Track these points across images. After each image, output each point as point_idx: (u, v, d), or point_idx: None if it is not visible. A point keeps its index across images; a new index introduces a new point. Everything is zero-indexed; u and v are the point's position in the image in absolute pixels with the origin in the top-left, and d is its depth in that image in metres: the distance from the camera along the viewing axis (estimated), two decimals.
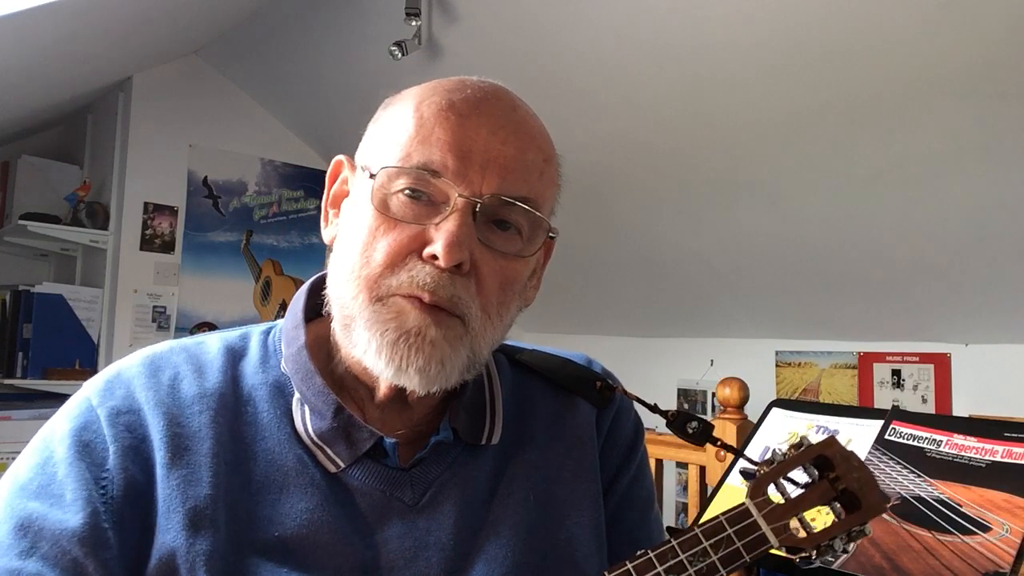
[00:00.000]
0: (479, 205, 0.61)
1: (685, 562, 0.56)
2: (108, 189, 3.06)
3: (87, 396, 0.64)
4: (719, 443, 0.72)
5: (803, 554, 0.58)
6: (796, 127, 2.04)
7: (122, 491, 0.60)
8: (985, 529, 0.77)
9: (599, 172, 2.59)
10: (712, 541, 0.57)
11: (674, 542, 0.57)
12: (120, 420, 0.62)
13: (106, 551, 0.58)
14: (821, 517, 0.76)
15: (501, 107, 0.65)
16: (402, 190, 0.62)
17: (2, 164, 3.10)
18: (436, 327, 0.61)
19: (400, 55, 2.26)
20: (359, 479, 0.65)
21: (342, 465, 0.65)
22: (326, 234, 0.70)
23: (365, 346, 0.62)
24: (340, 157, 0.70)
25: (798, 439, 0.63)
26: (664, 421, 0.74)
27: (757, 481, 0.60)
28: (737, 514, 0.59)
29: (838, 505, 0.61)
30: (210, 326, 3.12)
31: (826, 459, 0.61)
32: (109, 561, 0.58)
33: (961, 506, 0.80)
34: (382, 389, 0.67)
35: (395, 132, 0.64)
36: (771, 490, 0.60)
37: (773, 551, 0.58)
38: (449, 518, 0.66)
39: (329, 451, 0.65)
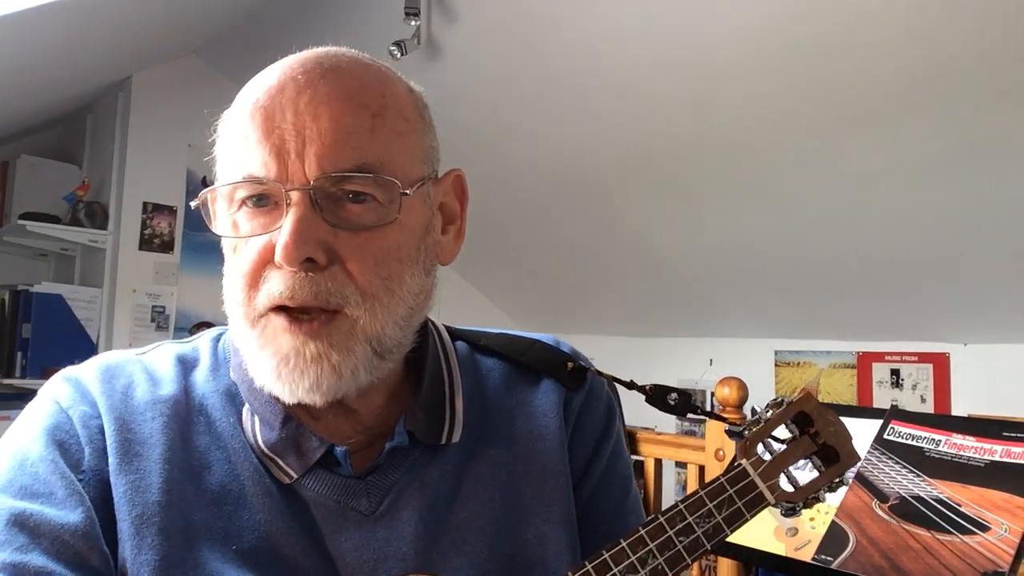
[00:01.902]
0: (312, 191, 0.57)
1: (693, 524, 0.58)
2: (107, 189, 3.05)
3: (54, 398, 0.63)
4: (700, 411, 0.73)
5: (790, 506, 0.62)
6: (796, 127, 2.04)
7: (98, 493, 0.59)
8: (984, 529, 0.77)
9: (599, 172, 2.59)
10: (716, 502, 0.60)
11: (681, 506, 0.59)
12: (92, 424, 0.61)
13: (103, 546, 0.58)
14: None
15: (308, 79, 0.59)
16: (241, 204, 0.60)
17: (1, 164, 3.10)
18: (313, 340, 0.58)
19: (399, 55, 2.26)
20: (313, 490, 0.63)
21: (294, 476, 0.63)
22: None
23: (260, 375, 0.61)
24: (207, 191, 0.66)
25: (779, 399, 0.66)
26: (663, 417, 0.73)
27: (747, 441, 0.63)
28: (736, 475, 0.61)
29: (817, 459, 0.64)
30: (209, 326, 3.11)
31: (805, 415, 0.65)
32: (107, 557, 0.58)
33: (960, 506, 0.81)
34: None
35: (225, 149, 0.62)
36: (759, 448, 0.63)
37: (774, 550, 0.59)
38: (409, 526, 0.64)
39: (280, 462, 0.63)
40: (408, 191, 0.60)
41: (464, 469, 0.68)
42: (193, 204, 0.64)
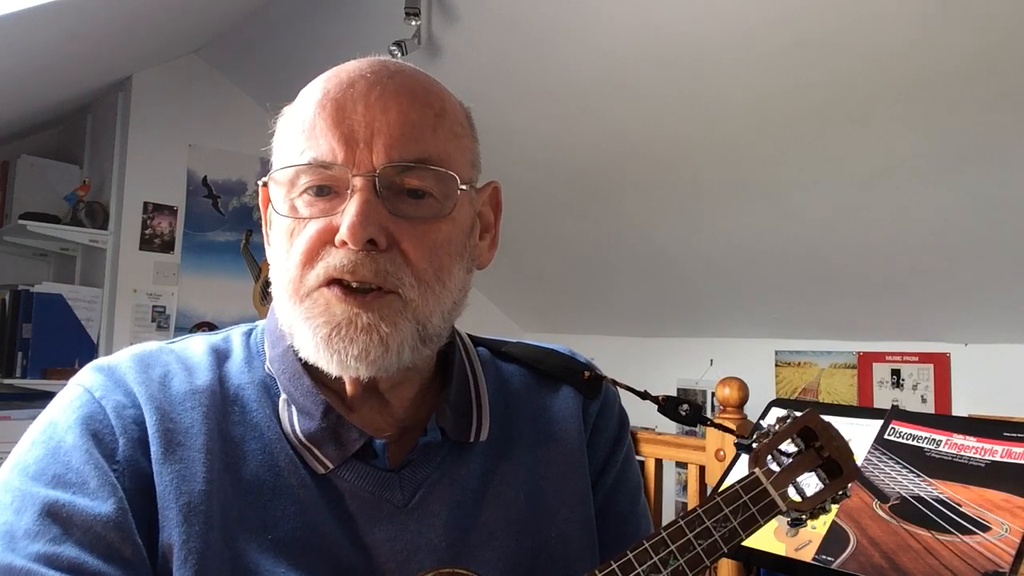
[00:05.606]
0: (377, 179, 0.60)
1: (711, 528, 0.61)
2: (108, 189, 3.06)
3: (86, 388, 0.63)
4: (710, 423, 0.75)
5: (798, 515, 0.65)
6: (796, 127, 2.04)
7: (133, 483, 0.60)
8: (984, 529, 0.77)
9: (599, 172, 2.59)
10: (731, 508, 0.62)
11: (699, 510, 0.61)
12: (126, 414, 0.62)
13: (136, 537, 0.58)
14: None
15: (376, 77, 0.63)
16: (305, 190, 0.62)
17: (2, 164, 3.10)
18: (366, 311, 0.60)
19: (400, 55, 2.26)
20: (348, 480, 0.65)
21: (331, 466, 0.64)
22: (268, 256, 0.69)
23: (306, 346, 0.62)
24: (264, 180, 0.69)
25: (784, 413, 0.68)
26: (663, 417, 0.74)
27: (757, 452, 0.66)
28: (749, 482, 0.64)
29: (822, 472, 0.67)
30: (210, 326, 3.12)
31: (810, 430, 0.67)
32: (139, 548, 0.58)
33: (960, 506, 0.80)
34: (346, 384, 0.66)
35: (287, 139, 0.65)
36: (768, 460, 0.66)
37: (774, 550, 0.59)
38: (440, 519, 0.66)
39: (318, 452, 0.64)
40: (464, 187, 0.64)
41: (491, 468, 0.70)
42: (260, 183, 0.68)
